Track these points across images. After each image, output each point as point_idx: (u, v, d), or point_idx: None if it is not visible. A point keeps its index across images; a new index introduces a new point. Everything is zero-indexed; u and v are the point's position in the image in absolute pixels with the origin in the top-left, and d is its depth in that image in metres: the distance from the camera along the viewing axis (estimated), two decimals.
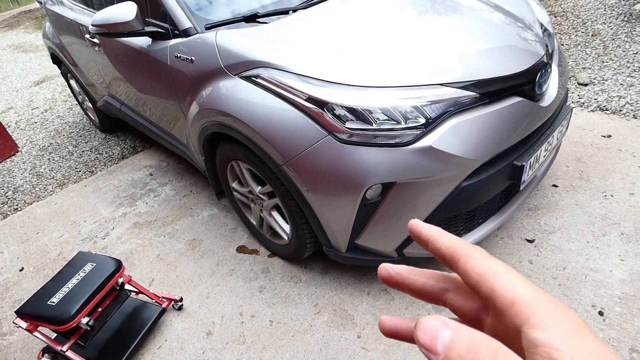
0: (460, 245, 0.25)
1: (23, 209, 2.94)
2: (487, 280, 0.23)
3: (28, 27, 9.69)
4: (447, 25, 1.68)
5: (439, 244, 0.26)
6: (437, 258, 0.27)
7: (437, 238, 0.26)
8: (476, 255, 0.24)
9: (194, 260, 2.19)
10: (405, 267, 0.30)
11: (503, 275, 0.23)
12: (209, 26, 1.80)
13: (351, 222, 1.51)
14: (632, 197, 2.09)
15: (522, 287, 0.22)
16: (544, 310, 0.21)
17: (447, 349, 0.20)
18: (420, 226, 0.28)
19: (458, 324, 0.21)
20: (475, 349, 0.19)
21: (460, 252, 0.25)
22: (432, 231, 0.27)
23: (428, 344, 0.20)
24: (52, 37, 3.45)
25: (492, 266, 0.23)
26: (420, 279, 0.29)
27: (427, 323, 0.21)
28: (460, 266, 0.24)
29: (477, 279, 0.23)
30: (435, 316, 0.21)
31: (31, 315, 1.56)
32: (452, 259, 0.25)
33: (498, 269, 0.23)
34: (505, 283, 0.22)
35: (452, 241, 0.26)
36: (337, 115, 1.37)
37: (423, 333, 0.21)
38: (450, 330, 0.20)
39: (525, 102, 1.53)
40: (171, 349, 1.76)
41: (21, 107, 4.90)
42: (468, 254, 0.24)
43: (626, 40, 3.45)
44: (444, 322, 0.21)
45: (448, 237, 0.26)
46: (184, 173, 3.01)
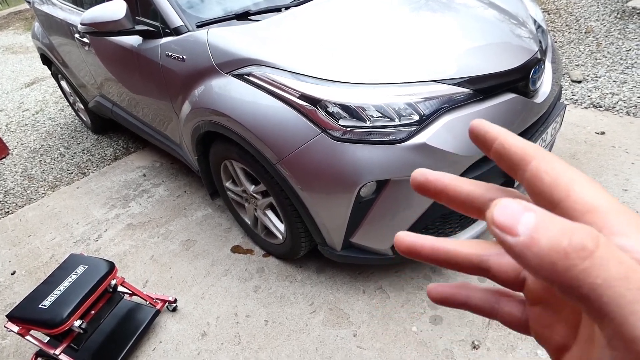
0: (534, 146, 0.22)
1: (14, 212, 2.91)
2: (563, 185, 0.20)
3: (18, 28, 9.59)
4: (440, 22, 1.68)
5: (509, 142, 0.22)
6: (500, 162, 0.23)
7: (507, 137, 0.23)
8: (553, 158, 0.21)
9: (188, 261, 2.17)
10: (446, 174, 0.26)
11: (582, 181, 0.20)
12: (200, 24, 1.78)
13: (346, 220, 1.50)
14: (626, 193, 2.10)
15: (603, 196, 0.19)
16: (628, 220, 0.19)
17: (532, 231, 0.16)
18: (487, 124, 0.24)
19: (543, 209, 0.18)
20: (569, 232, 0.16)
21: (534, 153, 0.21)
22: (501, 130, 0.24)
23: (508, 224, 0.17)
24: (41, 37, 3.41)
25: (570, 171, 0.20)
26: (466, 185, 0.25)
27: (506, 203, 0.18)
28: (530, 168, 0.21)
29: (550, 183, 0.20)
30: (513, 199, 0.18)
31: (23, 319, 1.54)
32: (523, 159, 0.21)
33: (577, 175, 0.20)
34: (584, 190, 0.20)
35: (523, 142, 0.22)
36: (330, 112, 1.36)
37: (501, 213, 0.17)
38: (535, 213, 0.17)
39: (519, 98, 1.53)
40: (166, 351, 1.74)
41: (11, 109, 4.85)
42: (543, 156, 0.21)
43: (619, 37, 3.47)
44: (526, 206, 0.17)
45: (518, 137, 0.23)
46: (177, 173, 2.99)
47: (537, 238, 0.16)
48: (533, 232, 0.16)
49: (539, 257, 0.16)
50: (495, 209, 0.18)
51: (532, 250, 0.16)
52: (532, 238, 0.16)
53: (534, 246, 0.16)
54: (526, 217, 0.17)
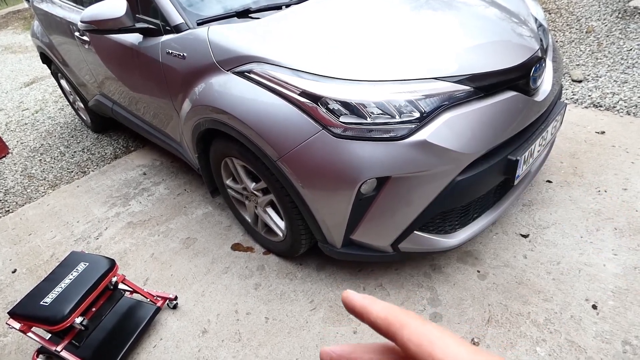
0: (393, 314, 0.25)
1: (15, 211, 2.91)
2: (426, 350, 0.22)
3: (17, 27, 9.58)
4: (441, 20, 1.68)
5: (373, 315, 0.25)
6: (375, 330, 0.26)
7: (370, 309, 0.26)
8: (410, 323, 0.24)
9: (188, 259, 2.18)
10: (347, 346, 0.28)
11: (439, 342, 0.22)
12: (200, 22, 1.78)
13: (346, 217, 1.50)
14: (625, 192, 2.10)
15: (460, 351, 0.22)
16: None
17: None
18: (353, 297, 0.27)
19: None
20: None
21: (395, 322, 0.24)
22: (365, 302, 0.26)
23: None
24: (41, 36, 3.40)
25: (427, 333, 0.23)
26: (365, 356, 0.28)
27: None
28: (397, 337, 0.24)
29: (415, 350, 0.23)
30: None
31: (24, 316, 1.54)
32: (388, 330, 0.24)
33: (434, 336, 0.23)
34: (444, 349, 0.22)
35: (385, 311, 0.25)
36: (331, 109, 1.36)
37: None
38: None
39: (520, 96, 1.53)
40: (166, 348, 1.74)
41: (11, 108, 4.85)
42: (402, 324, 0.24)
43: (620, 37, 3.47)
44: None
45: (380, 306, 0.26)
46: (177, 172, 2.99)
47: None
48: None
49: None
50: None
51: None
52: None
53: None
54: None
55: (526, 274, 1.78)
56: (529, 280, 1.75)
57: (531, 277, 1.76)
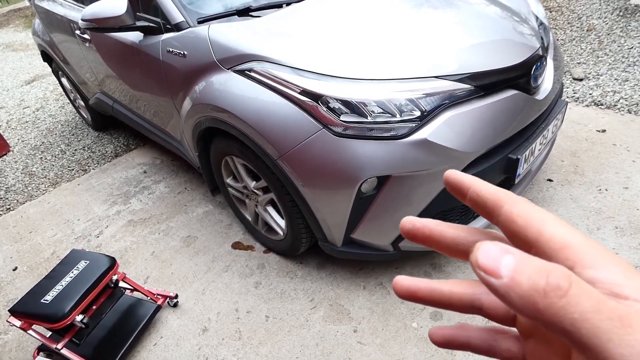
0: (504, 192, 0.24)
1: (16, 209, 2.91)
2: (535, 225, 0.21)
3: (18, 25, 9.58)
4: (442, 18, 1.67)
5: (483, 191, 0.24)
6: (476, 208, 0.25)
7: (480, 185, 0.25)
8: (522, 201, 0.23)
9: (189, 257, 2.18)
10: (432, 220, 0.28)
11: (552, 221, 0.21)
12: (201, 20, 1.78)
13: (347, 216, 1.50)
14: (626, 191, 2.10)
15: (572, 232, 0.21)
16: (597, 253, 0.20)
17: (513, 272, 0.18)
18: (460, 174, 0.26)
19: (520, 251, 0.19)
20: (546, 272, 0.18)
21: (505, 198, 0.23)
22: (474, 179, 0.26)
23: (491, 266, 0.18)
24: (42, 34, 3.40)
25: (540, 212, 0.22)
26: (450, 231, 0.27)
27: (487, 247, 0.19)
28: (504, 212, 0.23)
29: (523, 224, 0.22)
30: (493, 242, 0.19)
31: (25, 314, 1.54)
32: (496, 205, 0.23)
33: (546, 215, 0.22)
34: (554, 228, 0.21)
35: (495, 188, 0.24)
36: (331, 108, 1.36)
37: (483, 256, 0.19)
38: (513, 255, 0.19)
39: (521, 95, 1.53)
40: (167, 346, 1.74)
41: (12, 106, 4.85)
42: (514, 201, 0.23)
43: (621, 35, 3.46)
44: (504, 248, 0.19)
45: (490, 185, 0.25)
46: (178, 170, 2.99)
47: (518, 279, 0.18)
48: (514, 273, 0.18)
49: (522, 297, 0.17)
50: (478, 252, 0.19)
51: (515, 291, 0.18)
52: (513, 280, 0.18)
53: (516, 287, 0.18)
54: (506, 259, 0.18)
55: None
56: None
57: None
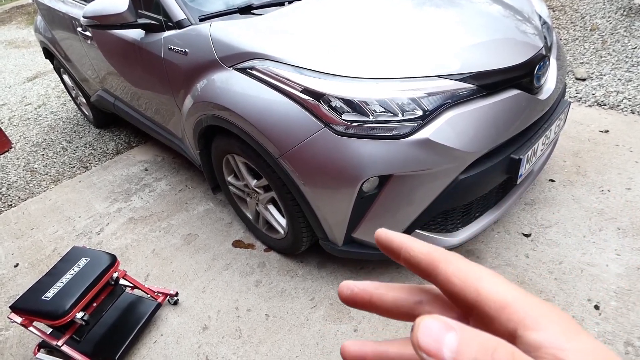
0: (437, 251, 0.23)
1: (17, 205, 2.92)
2: (472, 285, 0.21)
3: (20, 22, 9.58)
4: (445, 17, 1.67)
5: (414, 251, 0.23)
6: (411, 268, 0.24)
7: (411, 245, 0.24)
8: (456, 260, 0.22)
9: (189, 255, 2.18)
10: (371, 283, 0.26)
11: (488, 278, 0.21)
12: (202, 18, 1.78)
13: (348, 215, 1.49)
14: (629, 192, 2.09)
15: (510, 290, 0.21)
16: (538, 312, 0.20)
17: (456, 354, 0.17)
18: (390, 234, 0.25)
19: (462, 325, 0.18)
20: (490, 351, 0.17)
21: (439, 257, 0.23)
22: (404, 239, 0.24)
23: (432, 348, 0.18)
24: (43, 31, 3.40)
25: (475, 270, 0.22)
26: (390, 294, 0.26)
27: (428, 325, 0.18)
28: (440, 273, 0.22)
29: (460, 285, 0.21)
30: (433, 316, 0.19)
31: (26, 310, 1.54)
32: (430, 266, 0.23)
33: (482, 273, 0.21)
34: (492, 286, 0.21)
35: (428, 247, 0.23)
36: (333, 107, 1.35)
37: (424, 337, 0.18)
38: (455, 333, 0.18)
39: (523, 94, 1.52)
40: (167, 344, 1.74)
41: (14, 103, 4.85)
42: (447, 260, 0.22)
43: (625, 35, 3.44)
44: (445, 324, 0.18)
45: (422, 243, 0.24)
46: (179, 168, 2.99)
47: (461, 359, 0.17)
48: (457, 355, 0.17)
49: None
50: (419, 332, 0.18)
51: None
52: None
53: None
54: (448, 338, 0.18)
55: (528, 273, 1.77)
56: (531, 279, 1.74)
57: (533, 277, 1.75)
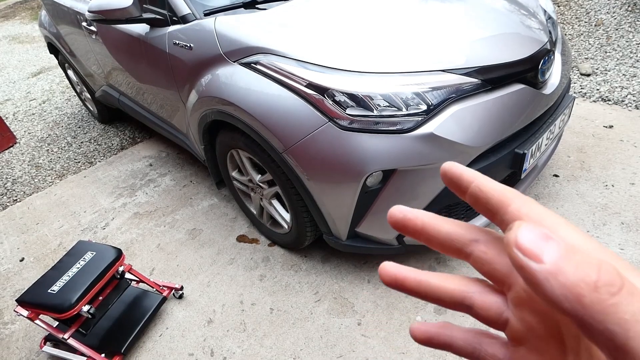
0: (511, 190, 0.21)
1: (22, 200, 2.94)
2: (548, 228, 0.19)
3: (24, 17, 9.60)
4: (449, 12, 1.66)
5: (486, 186, 0.22)
6: (476, 205, 0.22)
7: (484, 180, 0.22)
8: (531, 202, 0.21)
9: (194, 250, 2.19)
10: (426, 212, 0.25)
11: (565, 226, 0.19)
12: (207, 12, 1.78)
13: (352, 209, 1.50)
14: (633, 187, 2.09)
15: (584, 238, 0.19)
16: (622, 266, 0.18)
17: (558, 258, 0.16)
18: (462, 168, 0.23)
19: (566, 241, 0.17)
20: (596, 265, 0.16)
21: (512, 196, 0.21)
22: (477, 174, 0.23)
23: (532, 248, 0.16)
24: (48, 26, 3.41)
25: (551, 216, 0.20)
26: (446, 225, 0.24)
27: (530, 227, 0.17)
28: (511, 211, 0.20)
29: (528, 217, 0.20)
30: (532, 224, 0.17)
31: (32, 304, 1.56)
32: (501, 203, 0.21)
33: (558, 220, 0.19)
34: (567, 233, 0.19)
35: (502, 185, 0.22)
36: (337, 101, 1.36)
37: (526, 235, 0.16)
38: (557, 243, 0.16)
39: (528, 89, 1.52)
40: (172, 337, 1.76)
41: (19, 98, 4.87)
42: (523, 200, 0.21)
43: (629, 31, 3.42)
44: (547, 234, 0.17)
45: (494, 181, 0.22)
46: (183, 163, 3.00)
47: (564, 268, 0.16)
48: (560, 260, 0.16)
49: (566, 287, 0.15)
50: (519, 231, 0.17)
51: (558, 279, 0.16)
52: (558, 267, 0.16)
53: (560, 275, 0.16)
54: (552, 244, 0.16)
55: None
56: None
57: None
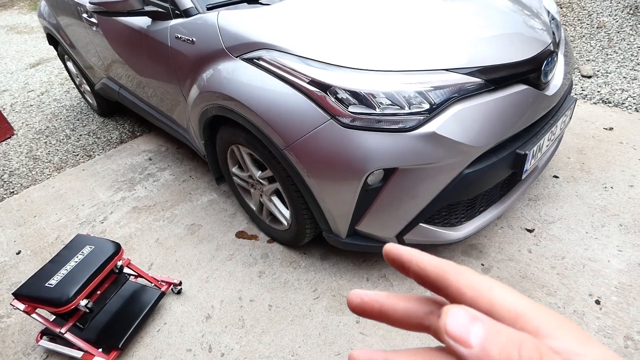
0: (447, 263, 0.23)
1: (20, 193, 2.92)
2: (484, 295, 0.21)
3: (22, 7, 9.52)
4: (453, 11, 1.66)
5: (424, 263, 0.24)
6: (420, 281, 0.24)
7: (421, 258, 0.24)
8: (466, 271, 0.23)
9: (193, 245, 2.19)
10: (381, 293, 0.26)
11: (499, 289, 0.21)
12: (210, 6, 1.77)
13: (352, 207, 1.50)
14: (632, 189, 2.09)
15: (521, 300, 0.21)
16: (550, 321, 0.20)
17: (484, 341, 0.17)
18: (400, 248, 0.25)
19: (487, 317, 0.19)
20: (517, 342, 0.17)
21: (449, 269, 0.23)
22: (413, 252, 0.25)
23: (460, 335, 0.18)
24: (47, 16, 3.38)
25: (486, 281, 0.22)
26: (401, 303, 0.25)
27: (456, 313, 0.19)
28: (451, 284, 0.22)
29: (472, 296, 0.21)
30: (461, 306, 0.19)
31: (29, 297, 1.55)
32: (440, 277, 0.23)
33: (493, 284, 0.22)
34: (504, 296, 0.21)
35: (437, 259, 0.24)
36: (340, 98, 1.35)
37: (453, 323, 0.18)
38: (482, 323, 0.18)
39: (530, 90, 1.52)
40: (170, 332, 1.76)
41: (16, 89, 4.83)
42: (458, 271, 0.23)
43: (631, 34, 3.43)
44: (473, 314, 0.19)
45: (431, 256, 0.24)
46: (183, 158, 2.99)
47: (488, 349, 0.17)
48: (484, 342, 0.17)
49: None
50: (447, 319, 0.19)
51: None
52: (484, 349, 0.17)
53: (486, 358, 0.17)
54: (476, 327, 0.18)
55: (530, 268, 1.78)
56: (533, 274, 1.75)
57: (535, 272, 1.76)
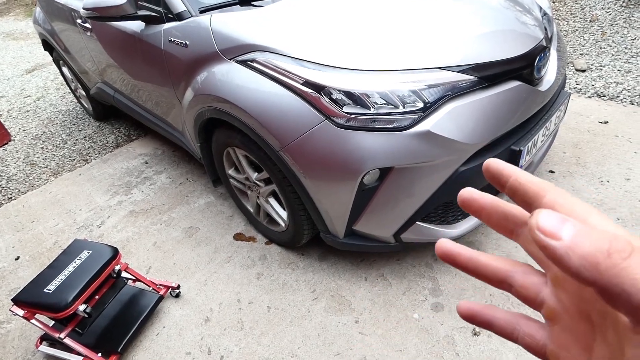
0: (547, 182, 0.24)
1: (17, 198, 2.91)
2: (578, 217, 0.21)
3: (18, 14, 9.50)
4: (445, 9, 1.66)
5: (524, 179, 0.25)
6: (514, 196, 0.25)
7: (522, 173, 0.25)
8: (566, 193, 0.23)
9: (191, 248, 2.19)
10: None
11: (597, 216, 0.21)
12: (203, 9, 1.76)
13: (349, 207, 1.50)
14: (628, 182, 2.10)
15: (614, 226, 0.21)
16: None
17: (574, 235, 0.18)
18: (502, 164, 0.26)
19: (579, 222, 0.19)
20: (607, 237, 0.18)
21: (548, 188, 0.23)
22: (516, 169, 0.26)
23: (551, 229, 0.19)
24: (43, 22, 3.37)
25: (583, 204, 0.22)
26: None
27: (548, 213, 0.19)
28: (546, 201, 0.23)
29: (567, 214, 0.22)
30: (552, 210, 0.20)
31: (28, 303, 1.55)
32: (538, 194, 0.23)
33: (590, 210, 0.22)
34: (597, 220, 0.21)
35: (538, 178, 0.25)
36: (334, 99, 1.35)
37: (545, 218, 0.19)
38: (573, 223, 0.19)
39: (524, 86, 1.52)
40: (169, 336, 1.76)
41: (13, 95, 4.83)
42: (557, 191, 0.23)
43: (624, 26, 3.43)
44: (564, 217, 0.19)
45: (531, 175, 0.25)
46: (179, 161, 2.99)
47: (580, 242, 0.18)
48: (575, 236, 0.18)
49: (583, 257, 0.18)
50: (539, 216, 0.19)
51: (576, 252, 0.18)
52: (575, 242, 0.18)
53: (577, 248, 0.18)
54: (568, 224, 0.19)
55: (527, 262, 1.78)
56: None
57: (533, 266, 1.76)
